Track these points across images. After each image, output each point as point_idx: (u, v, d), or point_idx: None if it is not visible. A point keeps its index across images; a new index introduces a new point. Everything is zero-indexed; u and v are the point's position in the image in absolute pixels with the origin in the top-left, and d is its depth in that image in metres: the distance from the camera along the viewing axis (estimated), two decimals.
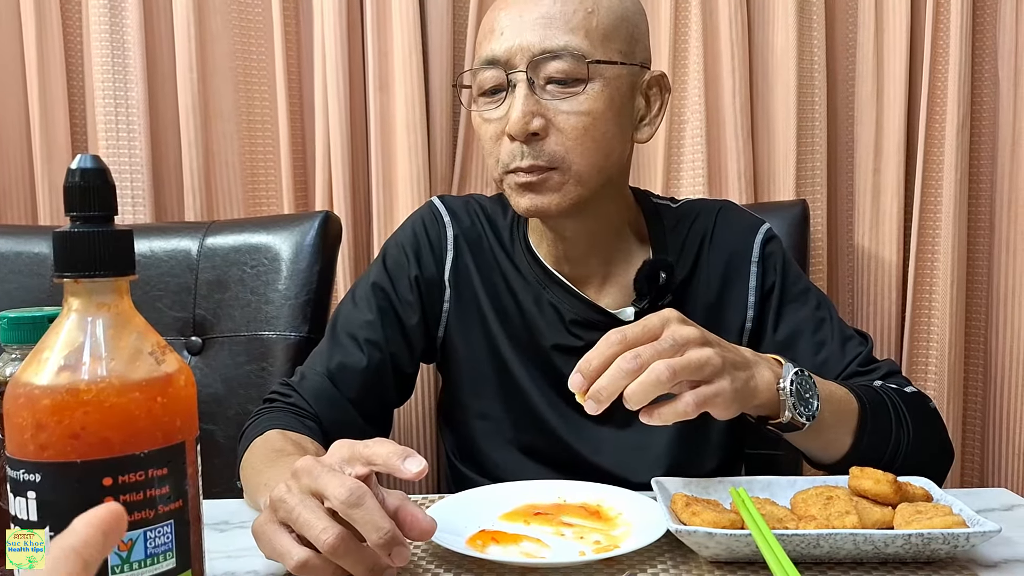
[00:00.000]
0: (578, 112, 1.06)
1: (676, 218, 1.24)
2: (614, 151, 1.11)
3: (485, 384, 1.22)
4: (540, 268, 1.20)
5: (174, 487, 0.56)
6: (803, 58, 1.80)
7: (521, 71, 1.05)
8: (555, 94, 1.06)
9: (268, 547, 0.76)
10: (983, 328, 1.85)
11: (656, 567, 0.81)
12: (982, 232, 1.84)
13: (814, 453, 1.03)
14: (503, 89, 1.08)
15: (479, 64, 1.09)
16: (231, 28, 1.83)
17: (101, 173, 0.56)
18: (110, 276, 0.56)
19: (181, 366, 0.58)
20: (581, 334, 1.17)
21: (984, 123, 1.82)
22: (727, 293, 1.20)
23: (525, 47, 1.05)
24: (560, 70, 1.05)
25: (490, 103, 1.10)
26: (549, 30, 1.05)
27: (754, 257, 1.21)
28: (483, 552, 0.82)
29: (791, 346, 1.17)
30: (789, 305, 1.20)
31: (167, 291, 1.53)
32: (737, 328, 1.20)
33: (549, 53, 1.05)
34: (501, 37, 1.07)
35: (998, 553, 0.83)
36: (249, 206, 1.87)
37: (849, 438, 0.99)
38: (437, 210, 1.26)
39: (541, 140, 1.06)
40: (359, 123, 1.84)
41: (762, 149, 1.84)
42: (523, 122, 1.05)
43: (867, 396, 1.02)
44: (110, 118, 1.81)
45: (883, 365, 1.16)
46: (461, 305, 1.22)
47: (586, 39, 1.05)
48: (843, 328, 1.19)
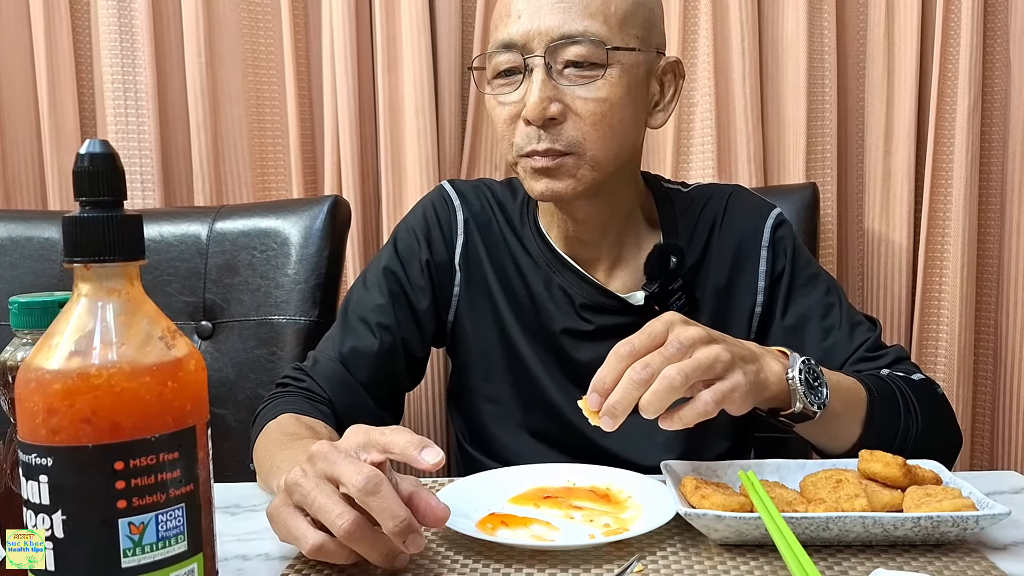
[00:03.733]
0: (596, 98, 1.05)
1: (687, 202, 1.23)
2: (629, 137, 1.11)
3: (494, 367, 1.22)
4: (550, 252, 1.20)
5: (185, 471, 0.56)
6: (813, 41, 1.79)
7: (539, 56, 1.05)
8: (573, 79, 1.05)
9: (283, 530, 0.76)
10: (993, 311, 1.84)
11: (665, 550, 0.81)
12: (993, 215, 1.83)
13: (824, 444, 1.03)
14: (519, 72, 1.07)
15: (495, 47, 1.09)
16: (239, 12, 1.83)
17: (110, 158, 0.56)
18: (120, 261, 0.56)
19: (191, 350, 0.58)
20: (591, 318, 1.17)
21: (995, 105, 1.80)
22: (737, 277, 1.20)
23: (544, 31, 1.04)
24: (579, 55, 1.04)
25: (505, 86, 1.09)
26: (568, 14, 1.04)
27: (764, 241, 1.20)
28: (493, 535, 0.82)
29: (799, 331, 1.17)
30: (799, 290, 1.19)
31: (177, 276, 1.53)
32: (747, 313, 1.20)
33: (568, 38, 1.04)
34: (519, 20, 1.06)
35: (1007, 536, 0.83)
36: (258, 190, 1.87)
37: (858, 428, 0.99)
38: (447, 194, 1.26)
39: (558, 125, 1.06)
40: (368, 107, 1.83)
41: (772, 132, 1.83)
42: (541, 107, 1.04)
43: (875, 385, 1.02)
44: (119, 103, 1.81)
45: (891, 351, 1.16)
46: (471, 289, 1.22)
47: (604, 24, 1.05)
48: (852, 314, 1.19)
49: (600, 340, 1.16)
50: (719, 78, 1.78)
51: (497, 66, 1.09)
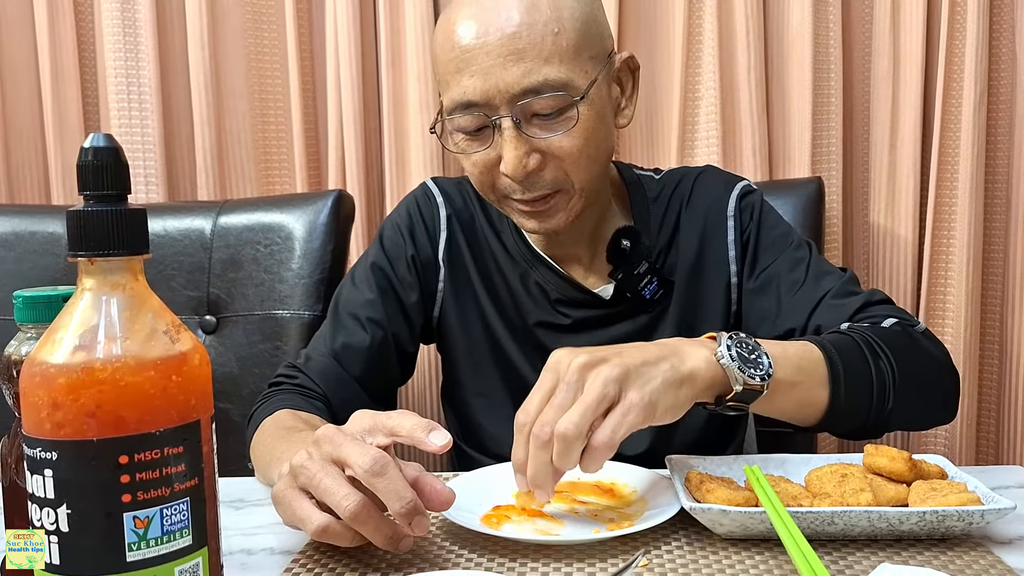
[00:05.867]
0: (572, 139, 1.03)
1: (659, 188, 1.24)
2: (606, 150, 1.10)
3: (481, 362, 1.23)
4: (527, 248, 1.21)
5: (190, 465, 0.56)
6: (819, 34, 1.78)
7: (505, 115, 1.01)
8: (545, 127, 1.02)
9: (288, 512, 0.76)
10: (999, 305, 1.83)
11: (670, 544, 0.81)
12: (999, 209, 1.82)
13: (795, 417, 0.97)
14: (485, 127, 1.04)
15: (453, 106, 1.04)
16: (243, 6, 1.83)
17: (114, 152, 0.55)
18: (124, 255, 0.56)
19: (195, 345, 0.58)
20: (567, 312, 1.19)
21: (1001, 99, 1.80)
22: (707, 252, 1.20)
23: (503, 89, 1.00)
24: (546, 107, 1.01)
25: (473, 141, 1.06)
26: (522, 64, 0.99)
27: (730, 211, 1.20)
28: (497, 530, 0.82)
29: (765, 291, 1.16)
30: (766, 251, 1.18)
31: (181, 270, 1.53)
32: (723, 286, 1.19)
33: (531, 91, 1.00)
34: (472, 79, 1.01)
35: (1013, 530, 0.83)
36: (262, 185, 1.87)
37: (824, 390, 0.93)
38: (430, 191, 1.27)
39: (539, 172, 1.04)
40: (371, 101, 1.83)
41: (777, 126, 1.82)
42: (521, 165, 1.02)
43: (832, 341, 0.97)
44: (122, 97, 1.81)
45: (861, 295, 1.11)
46: (455, 284, 1.23)
47: (562, 66, 1.00)
48: (821, 264, 1.16)
49: (578, 332, 1.18)
50: (724, 72, 1.78)
51: (463, 127, 1.05)
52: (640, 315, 1.18)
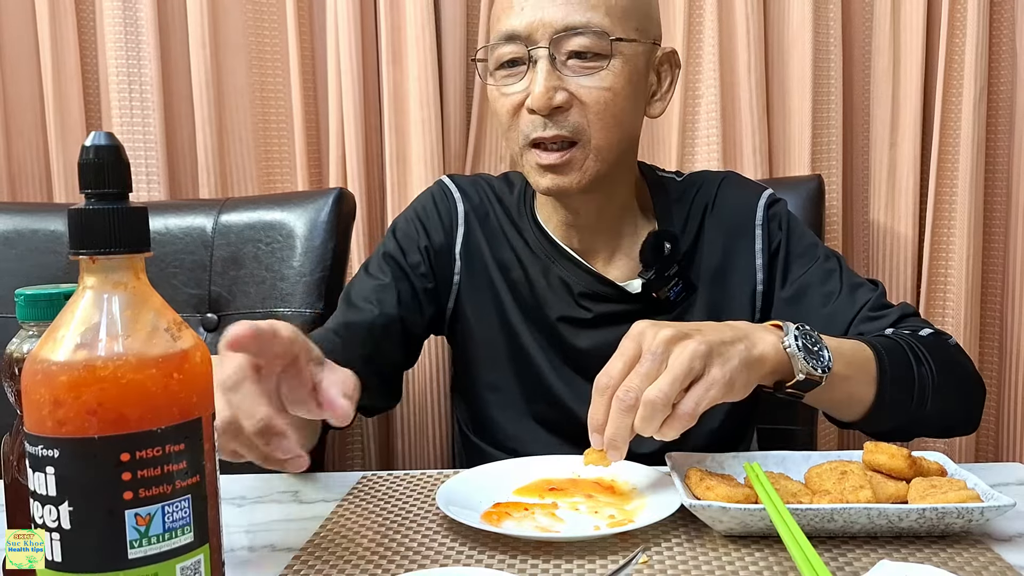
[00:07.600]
0: (600, 87, 1.07)
1: (680, 190, 1.25)
2: (630, 126, 1.13)
3: (497, 355, 1.23)
4: (549, 242, 1.21)
5: (191, 462, 0.56)
6: (819, 32, 1.78)
7: (543, 47, 1.06)
8: (577, 70, 1.07)
9: None
10: (999, 303, 1.83)
11: (670, 541, 0.81)
12: (998, 207, 1.82)
13: (839, 410, 1.02)
14: (522, 63, 1.09)
15: (497, 38, 1.10)
16: (244, 3, 1.83)
17: (115, 150, 0.56)
18: (125, 253, 0.56)
19: (197, 342, 0.58)
20: (590, 306, 1.19)
21: (1001, 96, 1.80)
22: (732, 259, 1.21)
23: (547, 22, 1.06)
24: (583, 45, 1.06)
25: (508, 76, 1.10)
26: (571, 6, 1.05)
27: (758, 220, 1.22)
28: (498, 527, 0.83)
29: (800, 300, 1.17)
30: (796, 260, 1.20)
31: (182, 268, 1.53)
32: (748, 292, 1.20)
33: (572, 29, 1.05)
34: (522, 12, 1.07)
35: (1012, 527, 0.83)
36: (263, 183, 1.87)
37: (871, 387, 0.98)
38: (447, 187, 1.28)
39: (563, 112, 1.07)
40: (372, 99, 1.83)
41: (777, 124, 1.83)
42: (547, 96, 1.05)
43: (880, 343, 1.01)
44: (124, 95, 1.81)
45: (896, 309, 1.14)
46: (472, 277, 1.24)
47: (607, 16, 1.06)
48: (852, 277, 1.19)
49: (599, 327, 1.18)
50: (724, 70, 1.78)
51: (500, 57, 1.10)
52: (661, 315, 1.18)
